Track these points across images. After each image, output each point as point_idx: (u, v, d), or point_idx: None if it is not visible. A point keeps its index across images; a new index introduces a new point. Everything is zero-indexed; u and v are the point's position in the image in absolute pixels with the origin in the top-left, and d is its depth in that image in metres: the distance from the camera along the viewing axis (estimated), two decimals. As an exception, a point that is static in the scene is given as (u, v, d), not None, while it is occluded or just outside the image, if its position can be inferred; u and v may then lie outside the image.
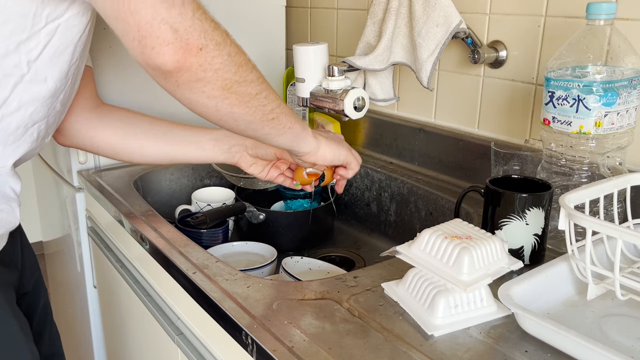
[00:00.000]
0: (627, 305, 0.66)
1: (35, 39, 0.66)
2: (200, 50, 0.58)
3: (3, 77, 0.67)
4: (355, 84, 1.08)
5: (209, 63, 0.59)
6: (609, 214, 0.76)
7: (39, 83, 0.70)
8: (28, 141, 0.74)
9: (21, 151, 0.74)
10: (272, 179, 0.97)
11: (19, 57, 0.66)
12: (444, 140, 1.14)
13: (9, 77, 0.67)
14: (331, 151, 0.83)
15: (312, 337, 0.61)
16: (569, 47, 0.79)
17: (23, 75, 0.68)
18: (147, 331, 1.00)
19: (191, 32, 0.57)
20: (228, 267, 0.77)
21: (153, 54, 0.57)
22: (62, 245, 1.45)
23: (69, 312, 1.51)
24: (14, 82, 0.68)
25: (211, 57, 0.59)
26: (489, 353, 0.58)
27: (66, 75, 0.73)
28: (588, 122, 0.76)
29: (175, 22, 0.56)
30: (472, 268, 0.62)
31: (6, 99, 0.68)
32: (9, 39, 0.64)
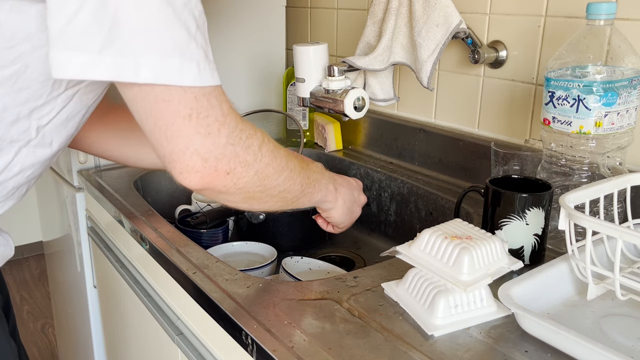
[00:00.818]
0: (627, 305, 0.66)
1: (51, 104, 0.64)
2: (228, 174, 0.59)
3: (9, 143, 0.64)
4: (355, 84, 1.08)
5: (234, 184, 0.60)
6: (609, 214, 0.76)
7: (44, 147, 0.67)
8: (15, 197, 0.71)
9: (7, 206, 0.71)
10: None
11: (29, 123, 0.63)
12: (444, 140, 1.14)
13: (15, 143, 0.64)
14: (340, 216, 0.86)
15: (312, 337, 0.61)
16: (569, 47, 0.78)
17: (30, 140, 0.65)
18: (147, 331, 1.00)
19: (220, 159, 0.58)
20: (228, 267, 0.77)
21: (181, 177, 0.58)
22: (62, 245, 1.45)
23: (69, 312, 1.51)
24: (18, 147, 0.65)
25: (237, 178, 0.60)
26: (489, 353, 0.58)
27: (71, 136, 0.71)
28: (588, 122, 0.76)
29: (206, 152, 0.57)
30: (472, 268, 0.62)
31: (8, 163, 0.65)
32: (23, 105, 0.62)
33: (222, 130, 0.57)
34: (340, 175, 0.87)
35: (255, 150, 0.61)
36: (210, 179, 0.58)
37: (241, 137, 0.59)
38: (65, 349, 1.72)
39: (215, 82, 0.57)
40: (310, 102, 1.03)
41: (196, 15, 0.55)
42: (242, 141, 0.59)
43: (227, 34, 1.43)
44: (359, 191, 0.89)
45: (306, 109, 1.41)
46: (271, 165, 0.64)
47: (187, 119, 0.55)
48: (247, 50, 1.47)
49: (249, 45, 1.47)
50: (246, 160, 0.60)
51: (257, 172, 0.62)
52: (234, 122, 0.58)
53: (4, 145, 0.63)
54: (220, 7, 1.39)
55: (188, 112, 0.55)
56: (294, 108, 1.41)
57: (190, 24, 0.54)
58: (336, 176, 0.85)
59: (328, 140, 1.35)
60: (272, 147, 0.64)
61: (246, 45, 1.47)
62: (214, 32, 1.41)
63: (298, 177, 0.70)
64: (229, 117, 0.58)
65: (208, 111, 0.56)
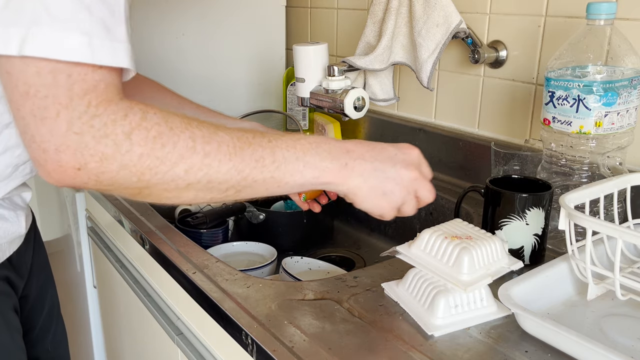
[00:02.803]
0: (627, 306, 0.66)
1: None
2: (79, 170, 0.50)
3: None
4: (355, 84, 1.08)
5: (94, 180, 0.51)
6: (609, 214, 0.76)
7: None
8: (20, 176, 0.70)
9: (13, 185, 0.70)
10: None
11: (3, 106, 0.62)
12: (444, 140, 1.14)
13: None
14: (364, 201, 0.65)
15: (312, 337, 0.61)
16: (569, 47, 0.78)
17: (8, 123, 0.64)
18: (147, 331, 1.00)
19: (63, 151, 0.49)
20: (228, 267, 0.77)
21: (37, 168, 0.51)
22: (62, 245, 1.45)
23: (69, 311, 1.51)
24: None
25: (95, 175, 0.51)
26: (489, 353, 0.58)
27: None
28: (588, 122, 0.76)
29: (43, 140, 0.49)
30: (472, 268, 0.62)
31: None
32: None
33: (63, 115, 0.48)
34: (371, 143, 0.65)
35: (119, 139, 0.50)
36: (57, 175, 0.50)
37: (92, 125, 0.49)
38: (65, 349, 1.72)
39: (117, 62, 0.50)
40: (310, 102, 1.03)
41: None
42: (93, 129, 0.49)
43: (227, 34, 1.43)
44: (398, 165, 0.65)
45: (306, 109, 1.41)
46: (151, 155, 0.51)
47: (24, 97, 0.48)
48: (247, 50, 1.47)
49: (249, 45, 1.47)
50: (102, 153, 0.49)
51: (125, 165, 0.51)
52: (84, 107, 0.49)
53: None
54: (220, 7, 1.39)
55: (25, 89, 0.48)
56: (294, 108, 1.41)
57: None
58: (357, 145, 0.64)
59: (328, 140, 1.35)
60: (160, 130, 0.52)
61: (246, 45, 1.47)
62: (214, 33, 1.41)
63: (228, 162, 0.55)
64: (78, 100, 0.48)
65: (48, 90, 0.48)
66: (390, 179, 0.64)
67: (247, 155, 0.56)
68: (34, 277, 0.88)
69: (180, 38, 1.37)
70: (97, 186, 0.52)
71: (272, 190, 0.60)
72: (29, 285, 0.86)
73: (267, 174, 0.58)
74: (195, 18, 1.37)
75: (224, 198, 0.58)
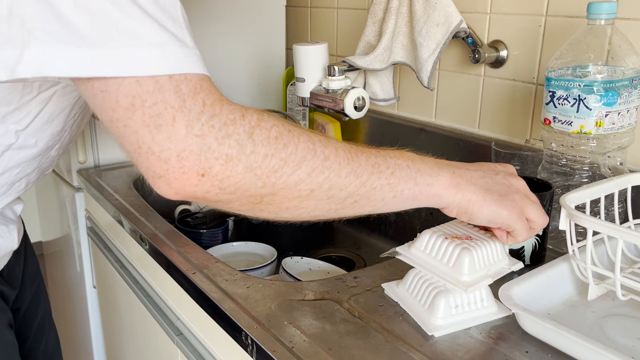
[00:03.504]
0: (628, 306, 0.65)
1: (25, 109, 0.60)
2: (202, 176, 0.46)
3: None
4: (356, 83, 1.08)
5: (217, 187, 0.47)
6: (610, 214, 0.76)
7: (29, 148, 0.65)
8: (14, 192, 0.69)
9: (6, 201, 0.69)
10: None
11: (6, 128, 0.60)
12: (445, 140, 1.14)
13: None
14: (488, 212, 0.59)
15: (312, 337, 0.60)
16: (570, 47, 0.78)
17: (11, 144, 0.62)
18: (146, 331, 1.00)
19: (185, 157, 0.45)
20: (228, 267, 0.77)
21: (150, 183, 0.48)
22: (61, 245, 1.45)
23: (69, 312, 1.51)
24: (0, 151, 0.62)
25: (219, 179, 0.47)
26: (490, 353, 0.58)
27: (60, 132, 0.67)
28: (589, 122, 0.76)
29: (162, 149, 0.45)
30: (472, 269, 0.62)
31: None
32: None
33: (179, 119, 0.45)
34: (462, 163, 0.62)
35: (242, 139, 0.47)
36: (179, 184, 0.46)
37: (213, 125, 0.46)
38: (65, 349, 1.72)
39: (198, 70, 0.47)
40: (310, 102, 1.03)
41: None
42: (214, 130, 0.46)
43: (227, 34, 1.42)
44: (501, 174, 0.62)
45: (306, 109, 1.41)
46: (276, 155, 0.48)
47: (130, 110, 0.45)
48: (247, 50, 1.47)
49: (249, 45, 1.47)
50: (227, 155, 0.46)
51: (250, 167, 0.47)
52: (199, 107, 0.46)
53: None
54: (220, 7, 1.39)
55: (130, 101, 0.45)
56: (294, 108, 1.41)
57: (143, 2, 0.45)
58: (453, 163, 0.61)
59: (328, 140, 1.35)
60: (279, 131, 0.49)
61: (246, 45, 1.47)
62: (214, 32, 1.40)
63: (347, 166, 0.52)
64: (190, 100, 0.46)
65: (156, 96, 0.45)
66: (501, 184, 0.60)
67: (363, 160, 0.54)
68: (26, 288, 0.86)
69: (180, 38, 1.37)
70: (218, 195, 0.48)
71: (387, 202, 0.56)
72: (20, 297, 0.85)
73: (384, 180, 0.55)
74: (195, 18, 1.37)
75: (342, 209, 0.55)
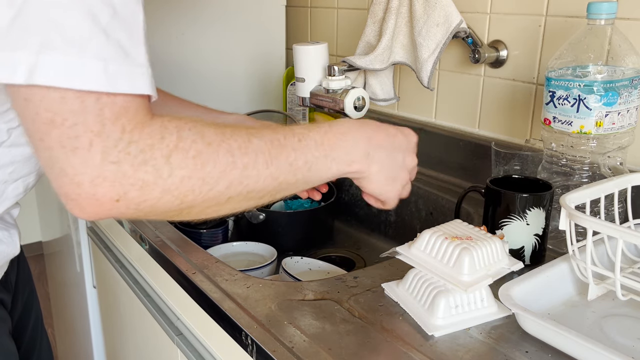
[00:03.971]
0: (628, 306, 0.65)
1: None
2: (117, 201, 0.46)
3: None
4: (356, 83, 1.08)
5: (134, 209, 0.47)
6: (610, 214, 0.76)
7: (20, 146, 0.64)
8: (12, 196, 0.67)
9: (5, 206, 0.68)
10: None
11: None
12: (445, 140, 1.14)
13: None
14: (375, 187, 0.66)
15: (312, 337, 0.60)
16: (570, 47, 0.78)
17: (3, 142, 0.62)
18: (146, 331, 1.00)
19: (99, 184, 0.45)
20: (228, 267, 0.77)
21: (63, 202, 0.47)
22: (61, 245, 1.45)
23: (69, 312, 1.51)
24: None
25: (135, 203, 0.47)
26: (490, 353, 0.58)
27: None
28: (589, 122, 0.76)
29: (76, 173, 0.44)
30: (472, 269, 0.62)
31: None
32: None
33: (96, 144, 0.44)
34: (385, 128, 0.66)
35: (159, 164, 0.46)
36: (92, 209, 0.46)
37: (129, 152, 0.45)
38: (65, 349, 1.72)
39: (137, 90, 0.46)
40: (310, 102, 1.02)
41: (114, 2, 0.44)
42: (130, 157, 0.45)
43: (227, 34, 1.42)
44: (404, 152, 0.68)
45: (306, 109, 1.41)
46: (193, 177, 0.48)
47: (49, 125, 0.43)
48: (247, 50, 1.47)
49: (249, 45, 1.47)
50: (142, 181, 0.46)
51: (167, 190, 0.47)
52: (118, 133, 0.44)
53: None
54: (220, 7, 1.39)
55: (50, 117, 0.43)
56: (294, 108, 1.41)
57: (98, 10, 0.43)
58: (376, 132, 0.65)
59: (328, 140, 1.35)
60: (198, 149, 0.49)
61: (246, 45, 1.47)
62: (214, 32, 1.40)
63: (265, 170, 0.54)
64: (110, 126, 0.44)
65: (77, 117, 0.43)
66: (399, 167, 0.67)
67: (282, 161, 0.56)
68: (19, 294, 0.85)
69: (180, 38, 1.37)
70: (135, 214, 0.48)
71: (301, 189, 0.60)
72: (14, 303, 0.84)
73: (300, 176, 0.57)
74: (195, 18, 1.37)
75: (258, 204, 0.57)
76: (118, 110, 0.45)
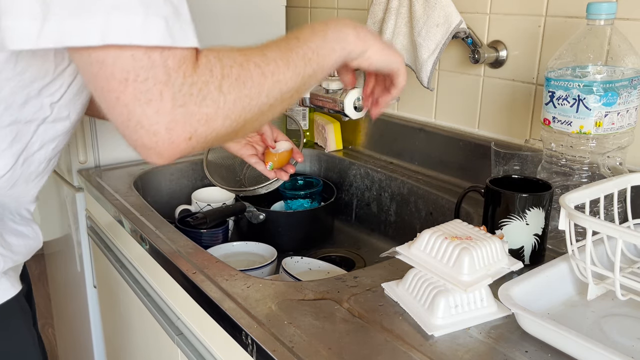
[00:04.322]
0: (628, 306, 0.66)
1: (60, 80, 0.62)
2: (190, 139, 0.51)
3: (25, 124, 0.63)
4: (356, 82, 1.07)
5: (203, 141, 0.53)
6: (609, 214, 0.76)
7: (62, 120, 0.67)
8: (50, 170, 0.72)
9: (44, 181, 0.72)
10: (243, 156, 0.95)
11: (41, 102, 0.62)
12: (444, 140, 1.14)
13: (32, 122, 0.64)
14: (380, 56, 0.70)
15: (312, 337, 0.60)
16: (569, 47, 0.78)
17: (46, 117, 0.65)
18: (147, 331, 1.00)
19: (173, 129, 0.50)
20: (228, 267, 0.77)
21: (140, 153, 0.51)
22: (62, 245, 1.45)
23: (69, 312, 1.51)
24: (36, 126, 0.64)
25: (204, 136, 0.52)
26: (489, 353, 0.58)
27: (86, 104, 0.69)
28: (588, 122, 0.76)
29: (151, 123, 0.49)
30: (472, 268, 0.62)
31: (27, 142, 0.65)
32: (30, 86, 0.60)
33: (165, 93, 0.48)
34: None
35: (215, 97, 0.52)
36: (169, 153, 0.51)
37: (191, 93, 0.50)
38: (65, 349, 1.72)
39: (190, 43, 0.50)
40: (310, 102, 1.03)
41: None
42: (193, 97, 0.50)
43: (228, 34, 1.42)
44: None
45: (306, 109, 1.41)
46: (242, 97, 0.54)
47: (124, 83, 0.48)
48: (247, 50, 1.47)
49: (249, 45, 1.47)
50: (207, 114, 0.51)
51: (227, 115, 0.53)
52: (181, 79, 0.49)
53: (21, 126, 0.63)
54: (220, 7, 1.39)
55: (124, 75, 0.47)
56: (294, 108, 1.41)
57: None
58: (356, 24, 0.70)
59: (328, 140, 1.35)
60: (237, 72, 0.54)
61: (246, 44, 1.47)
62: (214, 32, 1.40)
63: (287, 71, 0.59)
64: (174, 74, 0.49)
65: (148, 72, 0.48)
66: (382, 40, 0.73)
67: (297, 59, 0.61)
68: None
69: (180, 38, 1.37)
70: (204, 147, 0.54)
71: (320, 77, 0.65)
72: None
73: (314, 65, 0.63)
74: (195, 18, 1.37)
75: (292, 104, 0.63)
76: (179, 61, 0.50)
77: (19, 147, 0.64)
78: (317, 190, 1.23)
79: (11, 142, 0.63)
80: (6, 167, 0.65)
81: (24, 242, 0.71)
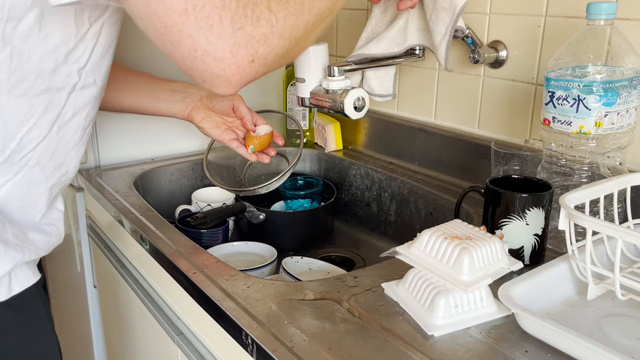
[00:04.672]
0: (628, 306, 0.66)
1: (83, 45, 0.64)
2: (253, 62, 0.53)
3: (57, 91, 0.65)
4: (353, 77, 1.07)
5: (264, 64, 0.55)
6: (609, 214, 0.76)
7: (90, 87, 0.69)
8: (85, 140, 0.75)
9: (82, 152, 0.76)
10: (224, 141, 0.97)
11: (69, 68, 0.64)
12: (444, 140, 1.14)
13: (62, 90, 0.65)
14: None
15: (312, 337, 0.61)
16: (569, 47, 0.78)
17: (75, 84, 0.66)
18: (147, 331, 1.00)
19: (236, 51, 0.52)
20: (228, 267, 0.77)
21: (206, 86, 0.54)
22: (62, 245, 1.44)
23: (69, 312, 1.51)
24: (67, 93, 0.66)
25: (264, 57, 0.54)
26: (489, 353, 0.58)
27: (109, 68, 0.71)
28: (588, 122, 0.76)
29: (216, 49, 0.51)
30: (472, 268, 0.62)
31: (60, 110, 0.67)
32: (56, 52, 0.62)
33: (224, 17, 0.50)
34: None
35: (267, 16, 0.53)
36: (237, 78, 0.53)
37: (246, 15, 0.51)
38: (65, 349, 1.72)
39: None
40: (310, 102, 1.03)
41: None
42: (249, 18, 0.52)
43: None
44: None
45: (306, 109, 1.41)
46: (289, 15, 0.55)
47: (184, 15, 0.49)
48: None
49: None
50: (264, 35, 0.53)
51: (281, 34, 0.54)
52: (235, 2, 0.51)
53: (53, 94, 0.65)
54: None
55: (183, 7, 0.49)
56: (294, 108, 1.41)
57: None
58: None
59: (328, 140, 1.35)
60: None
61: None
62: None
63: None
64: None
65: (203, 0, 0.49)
66: None
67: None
68: None
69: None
70: (263, 71, 0.56)
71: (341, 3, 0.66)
72: None
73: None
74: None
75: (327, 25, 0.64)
76: None
77: (52, 115, 0.66)
78: (317, 190, 1.23)
79: (44, 110, 0.65)
80: (41, 135, 0.67)
81: (47, 239, 0.76)
